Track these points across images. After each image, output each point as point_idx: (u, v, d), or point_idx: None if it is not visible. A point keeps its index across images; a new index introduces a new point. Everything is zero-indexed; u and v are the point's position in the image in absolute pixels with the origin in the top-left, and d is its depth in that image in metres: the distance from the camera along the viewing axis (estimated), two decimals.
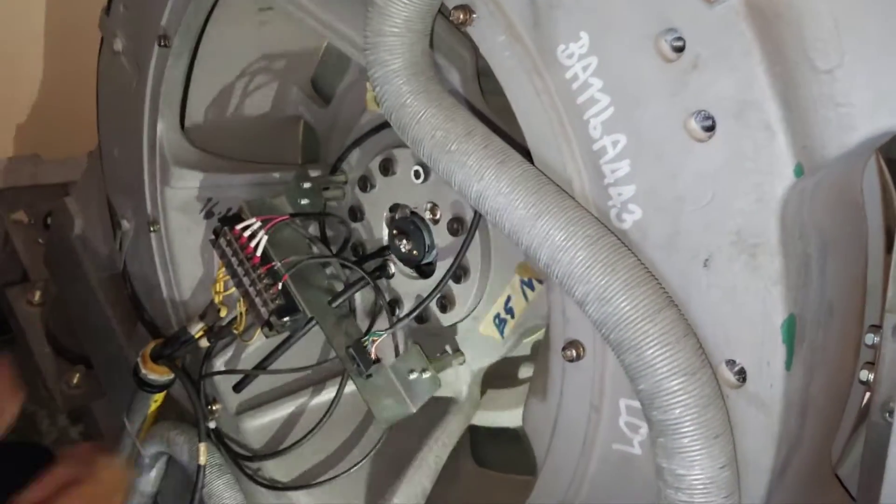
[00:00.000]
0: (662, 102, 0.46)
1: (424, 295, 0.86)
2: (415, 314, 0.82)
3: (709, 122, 0.45)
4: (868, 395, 0.55)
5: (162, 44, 0.86)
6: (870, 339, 0.53)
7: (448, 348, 0.87)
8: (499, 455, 0.98)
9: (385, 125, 0.86)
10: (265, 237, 0.86)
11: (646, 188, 0.48)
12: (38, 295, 1.40)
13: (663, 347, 0.44)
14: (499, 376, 0.98)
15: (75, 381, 1.33)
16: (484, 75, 0.78)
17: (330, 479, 0.87)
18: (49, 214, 1.51)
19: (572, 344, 0.54)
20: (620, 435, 0.53)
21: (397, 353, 0.84)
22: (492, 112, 0.74)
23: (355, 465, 0.87)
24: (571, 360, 0.54)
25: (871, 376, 0.52)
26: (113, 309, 1.17)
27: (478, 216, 0.75)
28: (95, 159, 1.15)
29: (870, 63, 0.43)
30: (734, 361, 0.46)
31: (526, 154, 0.53)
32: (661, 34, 0.45)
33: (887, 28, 0.42)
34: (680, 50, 0.45)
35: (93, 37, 1.03)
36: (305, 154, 1.08)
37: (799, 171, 0.42)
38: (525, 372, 0.94)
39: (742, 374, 0.46)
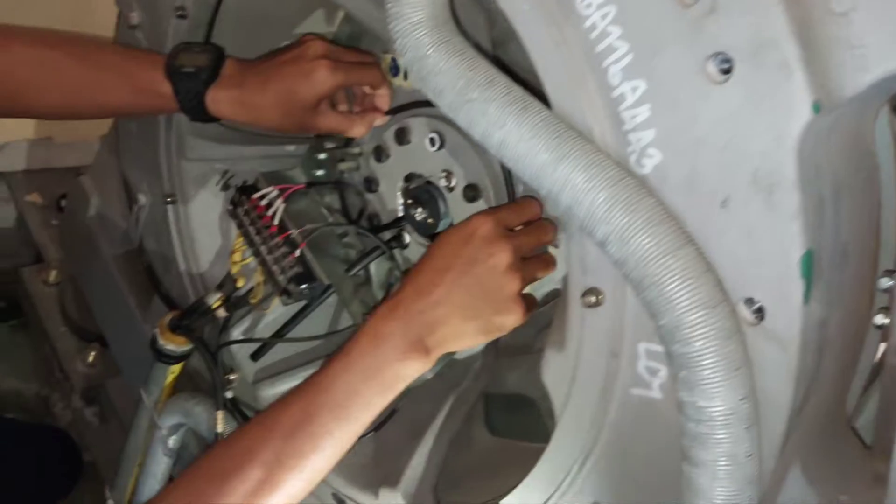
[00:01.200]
0: (680, 47, 0.47)
1: None
2: None
3: (726, 65, 0.46)
4: (883, 342, 0.57)
5: (179, 14, 0.87)
6: (884, 283, 0.54)
7: None
8: (513, 424, 0.99)
9: (396, 109, 0.88)
10: (282, 205, 0.87)
11: (665, 132, 0.49)
12: (53, 274, 1.42)
13: (685, 281, 0.45)
14: (513, 347, 0.99)
15: (90, 359, 1.35)
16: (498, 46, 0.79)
17: None
18: (62, 197, 1.53)
19: (591, 291, 0.55)
20: (639, 379, 0.55)
21: None
22: None
23: (371, 430, 0.88)
24: (591, 306, 0.55)
25: (886, 320, 0.53)
26: (129, 285, 1.18)
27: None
28: (112, 136, 1.16)
29: (883, 6, 0.44)
30: (752, 299, 0.47)
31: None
32: None
33: None
34: None
35: (106, 17, 1.05)
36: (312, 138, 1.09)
37: (817, 108, 0.43)
38: (540, 342, 0.95)
39: (760, 312, 0.47)
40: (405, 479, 0.82)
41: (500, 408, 1.01)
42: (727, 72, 0.46)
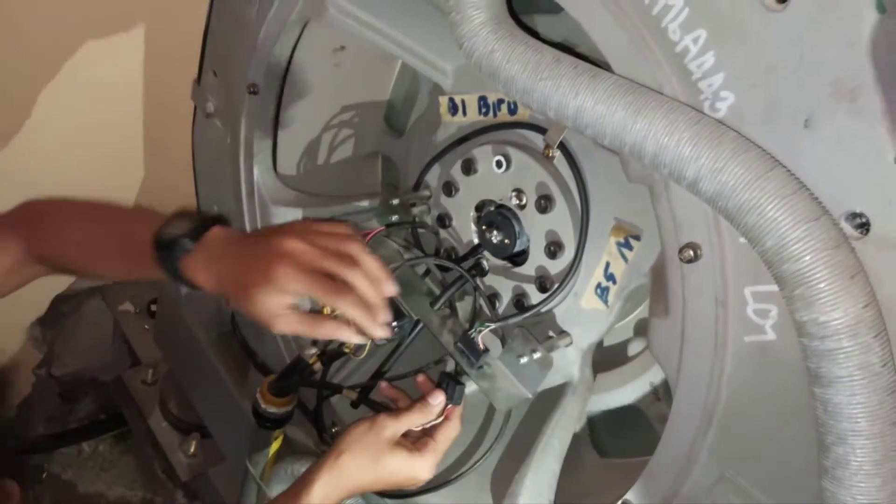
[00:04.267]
0: None
1: (521, 285, 0.89)
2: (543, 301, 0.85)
3: None
4: None
5: (251, 91, 0.94)
6: None
7: (551, 332, 0.88)
8: (620, 442, 0.97)
9: (460, 140, 0.92)
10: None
11: (734, 71, 0.51)
12: (150, 373, 1.48)
13: (783, 200, 0.46)
14: (608, 361, 0.98)
15: (192, 449, 1.38)
16: None
17: (457, 476, 0.88)
18: (152, 302, 1.61)
19: (688, 246, 0.55)
20: (751, 325, 0.54)
21: (504, 345, 0.86)
22: None
23: (480, 459, 0.87)
24: (690, 261, 0.55)
25: None
26: (225, 365, 1.22)
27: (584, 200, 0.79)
28: None
29: None
30: (854, 212, 0.47)
31: None
32: None
33: None
34: None
35: (176, 133, 1.14)
36: (384, 186, 1.15)
37: (881, 7, 0.44)
38: (634, 349, 0.94)
39: (865, 224, 0.47)
40: (521, 498, 0.80)
41: (605, 429, 0.99)
42: None
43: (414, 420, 0.80)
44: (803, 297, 0.46)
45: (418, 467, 0.78)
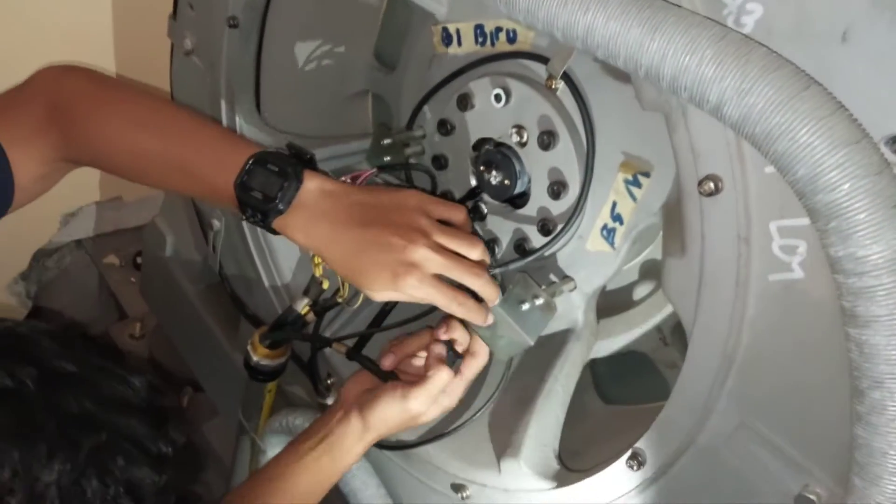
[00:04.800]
0: None
1: (522, 227, 0.85)
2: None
3: None
4: None
5: (231, 24, 0.88)
6: None
7: (554, 277, 0.85)
8: (625, 389, 0.94)
9: (456, 73, 0.87)
10: None
11: None
12: (138, 327, 1.44)
13: (818, 122, 0.41)
14: (612, 306, 0.94)
15: (184, 404, 1.35)
16: None
17: (456, 427, 0.85)
18: (138, 254, 1.57)
19: (708, 178, 0.51)
20: (777, 262, 0.50)
21: (504, 291, 0.82)
22: None
23: (482, 408, 0.85)
24: (710, 194, 0.51)
25: None
26: (214, 317, 1.18)
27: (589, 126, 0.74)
28: None
29: None
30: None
31: None
32: None
33: None
34: None
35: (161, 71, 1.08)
36: (376, 125, 1.09)
37: None
38: (640, 292, 0.91)
39: None
40: (525, 448, 0.78)
41: (609, 376, 0.96)
42: None
43: (434, 392, 0.77)
44: (839, 230, 0.42)
45: (443, 409, 0.79)
